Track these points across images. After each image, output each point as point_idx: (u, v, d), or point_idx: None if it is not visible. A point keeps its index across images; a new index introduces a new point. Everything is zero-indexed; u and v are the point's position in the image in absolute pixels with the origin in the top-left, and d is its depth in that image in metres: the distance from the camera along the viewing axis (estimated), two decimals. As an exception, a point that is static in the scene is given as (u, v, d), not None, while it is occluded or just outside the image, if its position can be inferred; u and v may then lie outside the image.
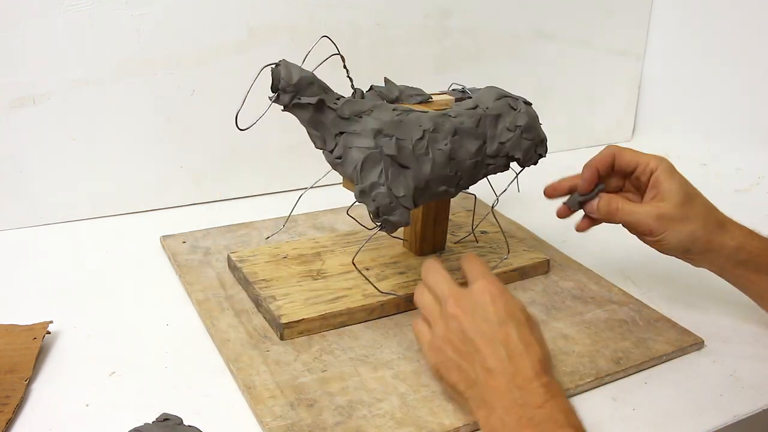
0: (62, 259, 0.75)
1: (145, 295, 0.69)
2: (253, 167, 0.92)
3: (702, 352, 0.64)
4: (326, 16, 0.89)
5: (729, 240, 0.61)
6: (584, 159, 0.66)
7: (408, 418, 0.52)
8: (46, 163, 0.80)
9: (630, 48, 1.19)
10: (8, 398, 0.52)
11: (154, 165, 0.86)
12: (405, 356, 0.60)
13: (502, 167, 0.65)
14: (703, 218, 0.61)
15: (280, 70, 0.55)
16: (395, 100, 0.64)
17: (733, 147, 1.14)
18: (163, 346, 0.61)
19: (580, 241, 0.82)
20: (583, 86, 1.17)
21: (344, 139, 0.57)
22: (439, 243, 0.73)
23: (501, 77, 0.86)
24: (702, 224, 0.61)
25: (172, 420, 0.48)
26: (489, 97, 0.64)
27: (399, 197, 0.57)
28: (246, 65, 0.85)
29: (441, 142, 0.59)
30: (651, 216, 0.61)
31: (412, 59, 0.98)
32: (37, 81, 0.76)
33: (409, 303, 0.66)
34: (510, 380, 0.47)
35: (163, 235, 0.78)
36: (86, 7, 0.76)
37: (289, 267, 0.69)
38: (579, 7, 1.10)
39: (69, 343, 0.61)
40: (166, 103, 0.84)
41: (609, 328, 0.65)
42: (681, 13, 1.17)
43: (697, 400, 0.57)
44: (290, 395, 0.54)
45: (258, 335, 0.61)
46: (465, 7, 0.99)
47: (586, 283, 0.73)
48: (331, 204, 0.86)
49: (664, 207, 0.61)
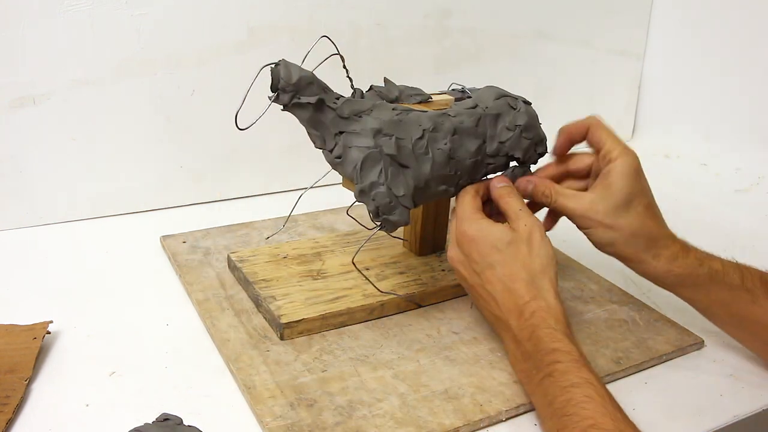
0: (62, 259, 0.75)
1: (145, 295, 0.69)
2: (253, 167, 0.92)
3: (702, 352, 0.64)
4: (326, 16, 0.89)
5: (651, 259, 0.59)
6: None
7: (408, 418, 0.52)
8: (46, 163, 0.80)
9: (630, 48, 1.19)
10: (8, 398, 0.52)
11: (154, 165, 0.86)
12: (405, 356, 0.60)
13: (502, 167, 0.65)
14: (632, 232, 0.58)
15: (280, 69, 0.55)
16: (395, 100, 0.64)
17: (733, 147, 1.14)
18: (163, 346, 0.61)
19: (580, 241, 0.81)
20: (583, 86, 1.16)
21: (344, 139, 0.57)
22: (439, 243, 0.73)
23: (501, 77, 0.86)
24: (628, 238, 0.59)
25: (172, 420, 0.48)
26: (488, 97, 0.64)
27: (399, 197, 0.57)
28: (246, 65, 0.85)
29: (441, 141, 0.59)
30: (578, 213, 0.60)
31: (412, 59, 0.98)
32: (37, 81, 0.76)
33: (409, 303, 0.66)
34: (507, 314, 0.54)
35: (163, 235, 0.78)
36: (86, 7, 0.76)
37: (289, 267, 0.69)
38: (579, 7, 1.10)
39: (69, 343, 0.61)
40: (166, 103, 0.84)
41: (609, 328, 0.65)
42: (681, 13, 1.17)
43: (697, 400, 0.57)
44: (290, 395, 0.54)
45: (258, 335, 0.61)
46: (465, 7, 0.99)
47: (586, 283, 0.73)
48: (331, 204, 0.86)
49: (596, 206, 0.59)
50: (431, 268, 0.70)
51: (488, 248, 0.55)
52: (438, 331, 0.63)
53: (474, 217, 0.57)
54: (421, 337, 0.62)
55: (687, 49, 1.18)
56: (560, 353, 0.50)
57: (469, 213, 0.58)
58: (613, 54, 1.17)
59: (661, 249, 0.59)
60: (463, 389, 0.56)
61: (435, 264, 0.71)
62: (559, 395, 0.48)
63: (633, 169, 0.59)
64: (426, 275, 0.69)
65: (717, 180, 1.07)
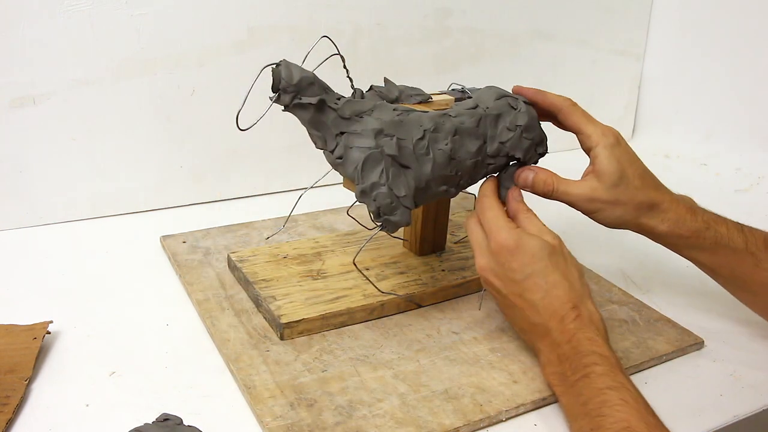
0: (62, 259, 0.75)
1: (145, 295, 0.69)
2: (253, 167, 0.92)
3: (702, 352, 0.64)
4: (326, 16, 0.89)
5: (659, 224, 0.62)
6: (584, 159, 0.66)
7: (408, 418, 0.52)
8: (46, 163, 0.80)
9: (630, 48, 1.19)
10: (8, 398, 0.52)
11: (154, 165, 0.86)
12: (405, 356, 0.60)
13: (503, 167, 0.65)
14: (634, 202, 0.61)
15: (281, 70, 0.55)
16: (395, 100, 0.64)
17: (733, 147, 1.14)
18: (163, 346, 0.61)
19: (580, 241, 0.82)
20: (583, 86, 1.16)
21: (345, 139, 0.57)
22: (439, 243, 0.73)
23: (501, 77, 0.86)
24: (632, 208, 0.61)
25: (172, 420, 0.48)
26: (489, 97, 0.64)
27: (400, 197, 0.57)
28: (246, 65, 0.85)
29: (442, 141, 0.59)
30: (582, 199, 0.62)
31: (412, 59, 0.98)
32: (37, 81, 0.76)
33: (409, 303, 0.66)
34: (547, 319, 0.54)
35: (163, 235, 0.78)
36: (86, 7, 0.76)
37: (289, 267, 0.69)
38: (579, 7, 1.10)
39: (69, 343, 0.61)
40: (166, 103, 0.84)
41: (609, 328, 0.64)
42: (681, 13, 1.17)
43: (697, 400, 0.57)
44: (290, 395, 0.54)
45: (258, 335, 0.61)
46: (465, 7, 0.99)
47: (586, 283, 0.73)
48: (331, 204, 0.86)
49: (596, 190, 0.61)
50: (431, 268, 0.70)
51: (529, 257, 0.56)
52: (438, 331, 0.63)
53: (510, 226, 0.58)
54: (421, 337, 0.62)
55: (687, 49, 1.18)
56: (598, 356, 0.51)
57: (503, 223, 0.58)
58: (613, 54, 1.17)
59: (665, 212, 0.62)
60: (463, 389, 0.56)
61: (435, 264, 0.71)
62: (595, 396, 0.48)
63: (616, 149, 0.61)
64: (426, 275, 0.69)
65: (717, 180, 1.07)
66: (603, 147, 0.61)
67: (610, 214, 0.62)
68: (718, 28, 1.14)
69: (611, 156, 0.61)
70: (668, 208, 0.62)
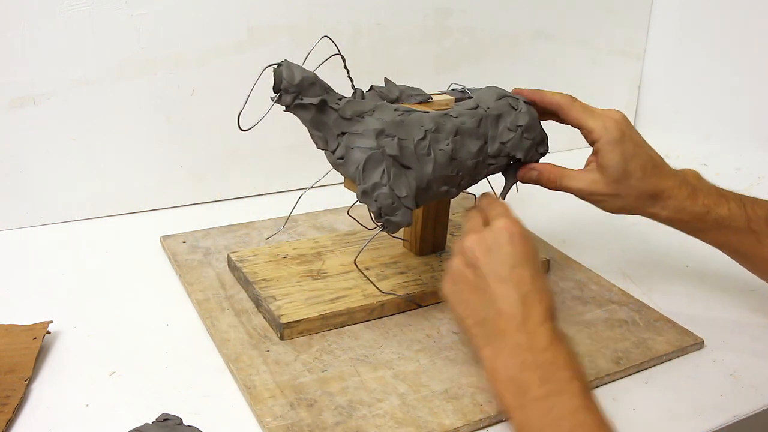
0: (62, 259, 0.75)
1: (145, 295, 0.69)
2: (253, 167, 0.92)
3: (702, 352, 0.64)
4: (326, 16, 0.89)
5: (660, 211, 0.64)
6: (584, 159, 0.66)
7: (408, 418, 0.52)
8: (46, 163, 0.80)
9: (630, 48, 1.19)
10: (8, 398, 0.52)
11: (154, 165, 0.86)
12: (405, 356, 0.60)
13: (504, 167, 0.65)
14: (635, 193, 0.63)
15: (282, 70, 0.55)
16: (395, 100, 0.64)
17: (733, 147, 1.14)
18: (163, 346, 0.61)
19: (580, 241, 0.82)
20: (583, 86, 1.16)
21: (346, 140, 0.57)
22: (439, 243, 0.73)
23: (501, 77, 0.86)
24: (633, 199, 0.63)
25: (172, 420, 0.48)
26: (489, 97, 0.64)
27: (401, 197, 0.57)
28: (246, 65, 0.85)
29: (443, 142, 0.59)
30: (584, 192, 0.64)
31: (412, 59, 0.97)
32: (37, 81, 0.76)
33: (409, 303, 0.66)
34: (519, 325, 0.49)
35: (163, 235, 0.78)
36: (86, 7, 0.76)
37: (289, 267, 0.69)
38: (579, 7, 1.10)
39: (69, 343, 0.61)
40: (166, 103, 0.84)
41: (609, 328, 0.65)
42: (681, 13, 1.17)
43: (697, 400, 0.57)
44: (290, 395, 0.54)
45: (258, 335, 0.61)
46: (465, 7, 0.99)
47: (586, 283, 0.73)
48: (331, 204, 0.86)
49: (597, 184, 0.63)
50: (431, 268, 0.70)
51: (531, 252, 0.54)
52: (438, 331, 0.63)
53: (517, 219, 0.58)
54: (421, 337, 0.62)
55: (687, 49, 1.18)
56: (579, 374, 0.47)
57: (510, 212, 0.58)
58: (613, 54, 1.17)
59: (667, 200, 0.63)
60: (463, 389, 0.56)
61: (435, 264, 0.71)
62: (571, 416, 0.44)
63: (618, 144, 0.62)
64: (426, 275, 0.69)
65: (717, 180, 1.07)
66: (605, 142, 0.62)
67: (611, 204, 0.64)
68: (718, 28, 1.14)
69: (613, 152, 0.62)
70: (670, 195, 0.63)
